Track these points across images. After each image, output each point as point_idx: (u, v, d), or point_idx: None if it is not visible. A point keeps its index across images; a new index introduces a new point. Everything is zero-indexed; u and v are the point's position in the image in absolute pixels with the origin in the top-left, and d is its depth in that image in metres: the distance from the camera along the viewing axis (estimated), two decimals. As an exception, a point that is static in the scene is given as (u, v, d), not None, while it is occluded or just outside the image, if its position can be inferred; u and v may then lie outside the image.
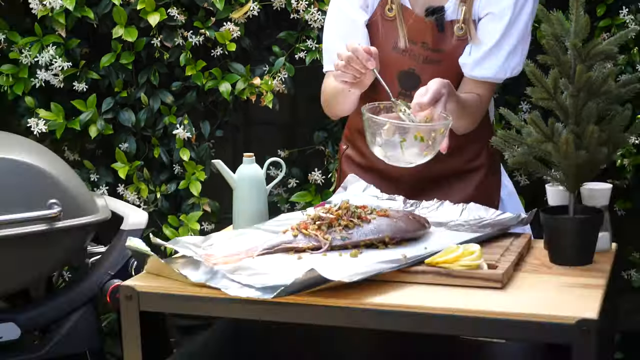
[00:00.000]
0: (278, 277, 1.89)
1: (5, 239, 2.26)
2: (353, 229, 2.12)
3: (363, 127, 2.21)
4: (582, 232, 2.04)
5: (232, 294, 1.86)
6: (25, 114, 3.21)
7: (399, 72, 2.49)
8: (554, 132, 2.02)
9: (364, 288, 1.88)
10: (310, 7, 3.23)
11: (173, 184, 3.31)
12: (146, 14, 3.15)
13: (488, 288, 1.89)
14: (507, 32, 2.41)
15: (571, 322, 1.71)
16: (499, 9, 2.41)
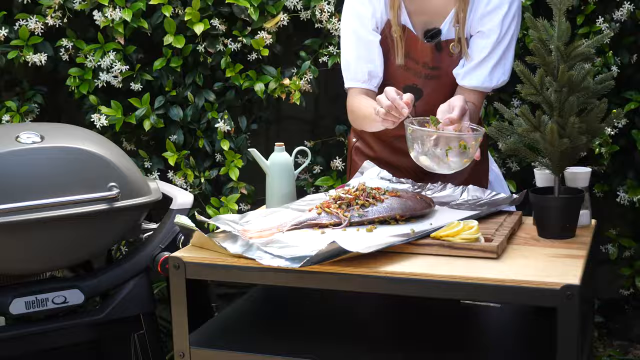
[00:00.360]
0: (304, 249, 1.89)
1: (72, 217, 2.26)
2: (369, 208, 2.11)
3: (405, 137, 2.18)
4: (565, 210, 2.03)
5: (265, 264, 1.86)
6: (90, 110, 3.21)
7: (404, 86, 2.48)
8: (540, 123, 2.01)
9: (377, 258, 1.88)
10: (332, 18, 3.21)
11: (215, 170, 3.31)
12: (192, 24, 3.15)
13: (485, 258, 1.90)
14: (493, 48, 2.40)
15: (557, 287, 1.71)
16: (488, 28, 2.40)
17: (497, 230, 2.04)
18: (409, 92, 2.45)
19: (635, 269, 3.47)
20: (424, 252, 1.93)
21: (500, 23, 2.39)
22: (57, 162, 2.28)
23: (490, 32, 2.39)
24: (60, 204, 2.25)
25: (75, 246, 2.33)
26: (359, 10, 2.45)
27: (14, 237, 2.22)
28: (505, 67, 2.44)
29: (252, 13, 3.15)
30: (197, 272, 1.95)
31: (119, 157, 2.41)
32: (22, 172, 2.23)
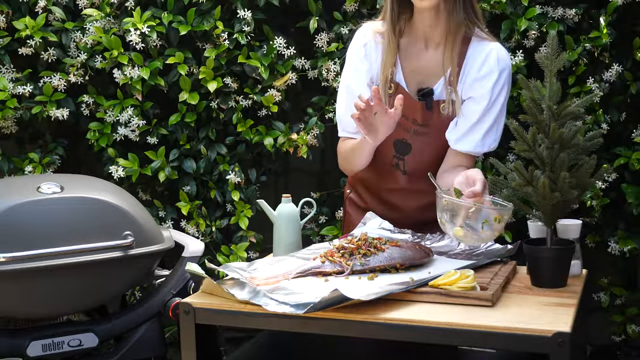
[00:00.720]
0: (308, 296, 1.88)
1: (89, 264, 2.27)
2: (370, 257, 2.11)
3: (437, 208, 2.11)
4: (557, 260, 2.02)
5: (271, 310, 1.86)
6: (108, 162, 3.23)
7: (394, 140, 2.48)
8: (533, 178, 2.01)
9: (377, 305, 1.87)
10: (338, 77, 3.24)
11: (225, 220, 3.31)
12: (206, 82, 3.18)
13: (480, 306, 1.88)
14: (484, 114, 2.39)
15: (548, 335, 1.70)
16: (479, 94, 2.39)
17: (492, 279, 2.03)
18: (398, 148, 2.48)
19: (627, 316, 3.45)
20: (422, 299, 1.92)
21: (491, 90, 2.38)
22: (76, 212, 2.29)
23: (481, 98, 2.39)
24: (78, 251, 2.25)
25: (92, 291, 2.33)
26: (356, 66, 2.47)
27: (34, 282, 2.22)
28: (497, 134, 2.43)
29: (263, 72, 3.19)
30: (206, 318, 1.95)
31: (134, 206, 2.42)
32: (42, 220, 2.24)
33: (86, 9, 3.15)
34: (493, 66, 2.38)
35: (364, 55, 2.45)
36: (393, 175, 2.53)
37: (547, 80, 2.01)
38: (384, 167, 2.54)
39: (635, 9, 3.25)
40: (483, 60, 2.38)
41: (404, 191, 2.52)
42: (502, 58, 2.40)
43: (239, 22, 3.20)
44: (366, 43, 2.46)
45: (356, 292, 1.87)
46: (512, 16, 3.16)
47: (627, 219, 3.36)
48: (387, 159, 2.52)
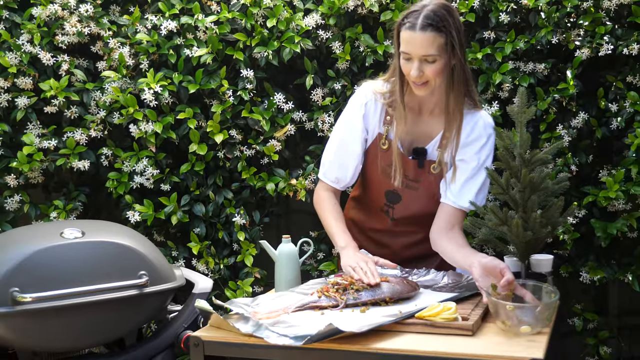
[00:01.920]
0: (306, 329, 1.89)
1: (107, 302, 2.27)
2: (362, 292, 2.12)
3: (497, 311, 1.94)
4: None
5: (272, 342, 1.86)
6: (126, 207, 3.24)
7: (386, 190, 2.50)
8: (507, 218, 2.03)
9: (369, 336, 1.88)
10: (332, 128, 3.24)
11: (232, 258, 3.31)
12: (213, 135, 3.19)
13: (462, 335, 1.89)
14: (473, 175, 2.37)
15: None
16: (468, 157, 2.39)
17: (472, 310, 2.03)
18: (389, 197, 2.49)
19: (599, 339, 3.43)
20: (409, 330, 1.93)
21: (479, 153, 2.37)
22: (96, 254, 2.29)
23: (471, 160, 2.38)
24: (97, 290, 2.25)
25: (110, 327, 2.33)
26: (353, 122, 2.48)
27: (59, 319, 2.22)
28: (486, 192, 2.40)
29: (264, 124, 3.21)
30: (214, 350, 1.95)
31: (148, 248, 2.42)
32: (65, 263, 2.24)
33: (105, 71, 3.19)
34: (481, 133, 2.39)
35: (363, 114, 2.46)
36: (381, 218, 2.54)
37: (518, 130, 2.04)
38: (374, 210, 2.55)
39: (598, 62, 3.29)
40: (472, 126, 2.39)
41: (391, 232, 2.53)
42: (489, 125, 2.40)
43: (242, 81, 3.23)
44: (367, 102, 2.47)
45: (350, 324, 1.88)
46: (488, 71, 3.20)
47: (597, 251, 3.37)
48: (377, 205, 2.53)
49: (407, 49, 2.27)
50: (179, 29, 3.23)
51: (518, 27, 3.29)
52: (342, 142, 2.50)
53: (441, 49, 2.25)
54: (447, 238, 2.33)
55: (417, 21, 2.25)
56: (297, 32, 3.23)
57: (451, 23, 2.26)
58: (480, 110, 2.41)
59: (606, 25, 3.18)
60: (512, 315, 1.87)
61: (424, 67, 2.27)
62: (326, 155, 2.55)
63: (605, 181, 3.19)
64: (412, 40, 2.25)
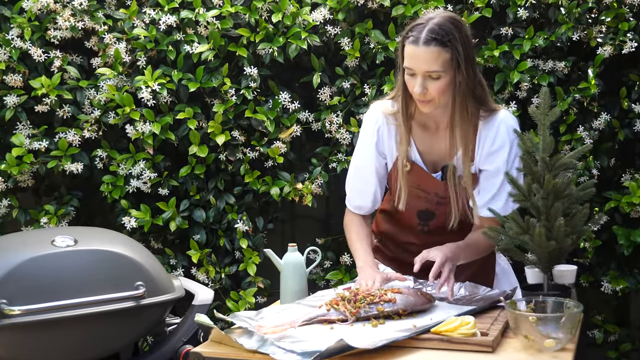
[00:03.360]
0: (314, 344, 1.86)
1: (101, 314, 2.24)
2: (374, 304, 2.08)
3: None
4: (554, 306, 1.98)
5: (278, 358, 1.83)
6: (121, 213, 3.20)
7: (417, 210, 2.49)
8: (529, 226, 1.99)
9: (382, 353, 1.85)
10: (340, 129, 3.23)
11: (234, 266, 3.28)
12: (215, 136, 3.17)
13: (482, 352, 1.85)
14: (502, 184, 2.33)
15: (548, 381, 1.66)
16: (495, 167, 2.35)
17: (492, 324, 1.99)
18: (422, 217, 2.50)
19: (621, 352, 3.40)
20: (425, 346, 1.89)
21: (505, 161, 2.33)
22: (89, 264, 2.27)
23: (498, 170, 2.34)
24: (91, 303, 2.22)
25: (105, 340, 2.30)
26: (365, 148, 2.47)
27: (50, 333, 2.19)
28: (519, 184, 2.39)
29: (269, 125, 3.18)
30: (215, 366, 1.91)
31: (145, 257, 2.39)
32: (56, 274, 2.21)
33: (100, 68, 3.16)
34: (504, 139, 2.34)
35: (376, 142, 2.45)
36: (415, 234, 2.52)
37: (541, 133, 2.00)
38: (409, 229, 2.54)
39: (621, 60, 3.25)
40: (495, 134, 2.34)
41: (427, 245, 2.50)
42: (511, 128, 2.34)
43: (246, 79, 3.20)
44: (379, 128, 2.44)
45: (361, 340, 1.84)
46: (505, 69, 3.16)
47: (619, 259, 3.33)
48: (412, 225, 2.53)
49: (410, 65, 2.24)
50: (179, 23, 3.20)
51: (537, 23, 3.25)
52: (357, 169, 2.52)
53: (446, 65, 2.21)
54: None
55: (421, 35, 2.21)
56: (304, 27, 3.20)
57: (457, 37, 2.22)
58: (499, 112, 2.36)
59: (629, 21, 3.15)
60: (534, 329, 1.82)
61: (427, 84, 2.23)
62: (348, 184, 2.57)
63: (628, 186, 3.15)
64: (415, 56, 2.22)
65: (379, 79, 3.25)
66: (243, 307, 3.17)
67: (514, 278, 2.64)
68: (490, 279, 2.53)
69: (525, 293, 2.04)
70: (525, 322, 1.83)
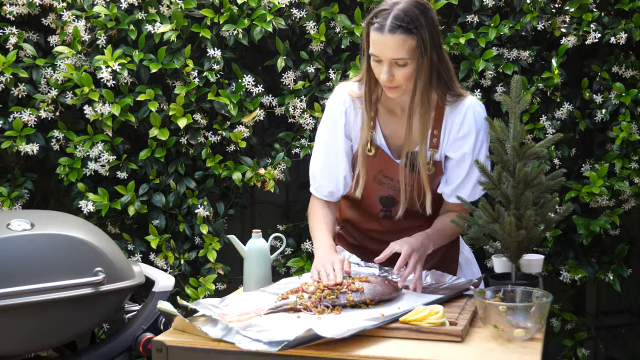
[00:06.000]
0: (282, 334, 1.81)
1: (59, 301, 2.17)
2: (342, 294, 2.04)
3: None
4: (523, 295, 1.96)
5: (244, 348, 1.78)
6: (78, 196, 3.11)
7: (380, 196, 2.44)
8: (499, 215, 1.96)
9: (350, 342, 1.81)
10: (304, 114, 3.18)
11: (194, 253, 3.21)
12: (176, 119, 3.09)
13: (450, 341, 1.83)
14: (469, 171, 2.32)
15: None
16: (462, 153, 2.32)
17: (460, 313, 1.97)
18: (384, 203, 2.45)
19: (577, 341, 3.43)
20: (393, 335, 1.86)
21: (472, 148, 2.31)
22: (46, 249, 2.18)
23: (465, 157, 2.32)
24: (48, 289, 2.14)
25: (62, 328, 2.22)
26: (334, 129, 2.40)
27: (3, 320, 2.10)
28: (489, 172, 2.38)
29: (232, 109, 3.11)
30: (179, 356, 1.85)
31: (105, 242, 2.31)
32: (12, 258, 2.13)
33: (57, 46, 3.05)
34: (471, 125, 2.31)
35: (344, 123, 2.39)
36: (378, 220, 2.48)
37: (512, 121, 1.97)
38: (370, 215, 2.49)
39: (584, 51, 3.26)
40: (461, 121, 2.31)
41: (391, 231, 2.47)
42: (479, 115, 2.33)
43: (209, 61, 3.12)
44: (346, 109, 2.39)
45: (329, 329, 1.80)
46: (470, 57, 3.14)
47: (576, 249, 3.35)
48: (373, 212, 2.48)
49: (376, 52, 2.19)
50: (141, 2, 3.11)
51: (502, 11, 3.24)
52: (327, 154, 2.43)
53: (412, 52, 2.17)
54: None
55: (386, 22, 2.16)
56: (269, 9, 3.13)
57: (423, 23, 2.17)
58: (466, 98, 2.32)
59: (593, 12, 3.15)
60: (504, 318, 1.80)
61: (394, 71, 2.19)
62: (314, 169, 2.47)
63: (588, 176, 3.16)
64: (381, 43, 2.17)
65: (344, 64, 3.21)
66: (202, 293, 3.10)
67: (476, 267, 2.63)
68: (454, 267, 2.51)
69: (493, 282, 2.02)
70: (495, 311, 1.81)
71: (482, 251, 3.18)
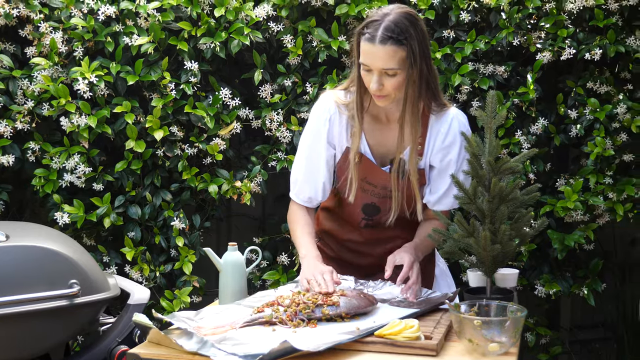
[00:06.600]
0: (257, 347, 1.81)
1: (33, 313, 2.15)
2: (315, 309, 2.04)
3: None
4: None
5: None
6: (53, 208, 3.09)
7: (363, 204, 2.46)
8: (474, 229, 1.98)
9: (325, 356, 1.81)
10: (281, 127, 3.19)
11: (169, 265, 3.20)
12: (153, 131, 3.08)
13: (425, 355, 1.83)
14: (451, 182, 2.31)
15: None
16: (447, 160, 2.37)
17: (435, 327, 1.98)
18: (367, 211, 2.47)
19: (551, 355, 3.45)
20: (369, 349, 1.86)
21: (457, 157, 2.36)
22: (21, 261, 2.17)
23: (449, 166, 2.36)
24: (22, 301, 2.13)
25: (36, 340, 2.20)
26: (317, 136, 2.42)
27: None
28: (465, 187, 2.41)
29: (208, 121, 3.11)
30: (153, 369, 1.84)
31: (80, 254, 2.30)
32: (-14, 270, 2.11)
33: (34, 58, 3.03)
34: (456, 134, 2.35)
35: (328, 130, 2.41)
36: (358, 230, 2.49)
37: (487, 136, 1.99)
38: (351, 224, 2.50)
39: (559, 66, 3.30)
40: (446, 131, 2.36)
41: (369, 241, 2.48)
42: (463, 125, 2.38)
43: (186, 73, 3.12)
44: (330, 117, 2.41)
45: (305, 343, 1.80)
46: (447, 72, 3.17)
47: (551, 263, 3.38)
48: (355, 221, 2.50)
49: (367, 62, 2.23)
50: (118, 14, 3.11)
51: (478, 27, 3.28)
52: (309, 159, 2.45)
53: (402, 63, 2.21)
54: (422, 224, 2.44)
55: (377, 33, 2.19)
56: (247, 23, 3.14)
57: (413, 34, 2.21)
58: (450, 109, 2.38)
59: (568, 28, 3.20)
60: (478, 333, 1.81)
61: (383, 80, 2.23)
62: (295, 174, 2.50)
63: (563, 190, 3.19)
64: (372, 53, 2.21)
65: (321, 78, 3.22)
66: (178, 306, 3.09)
67: (451, 280, 2.64)
68: (430, 279, 2.52)
69: (468, 296, 2.03)
70: (470, 325, 1.82)
71: (457, 265, 3.20)
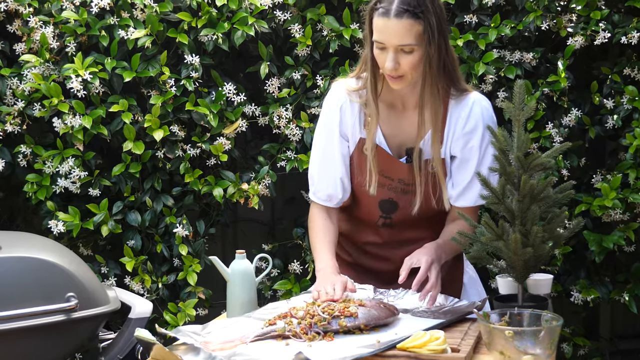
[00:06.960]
0: (269, 362, 1.82)
1: (28, 329, 2.18)
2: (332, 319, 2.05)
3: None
4: (530, 318, 1.98)
5: (228, 379, 1.78)
6: (47, 216, 3.12)
7: (380, 200, 2.46)
8: (503, 232, 1.98)
9: (344, 371, 1.81)
10: (290, 124, 3.20)
11: (172, 275, 3.22)
12: (152, 131, 3.11)
13: (452, 369, 1.84)
14: (477, 169, 2.34)
15: (527, 401, 1.65)
16: (468, 151, 2.37)
17: (462, 339, 1.98)
18: (384, 208, 2.46)
19: (590, 367, 3.45)
20: (391, 363, 1.87)
21: (479, 145, 2.36)
22: (14, 273, 2.21)
23: (472, 155, 2.37)
24: (16, 316, 2.17)
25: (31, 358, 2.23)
26: (332, 130, 2.44)
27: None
28: (495, 183, 2.40)
29: (211, 119, 3.13)
30: (158, 388, 1.86)
31: (77, 266, 2.34)
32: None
33: (24, 55, 3.07)
34: (478, 120, 2.36)
35: (339, 120, 2.43)
36: (376, 230, 2.50)
37: (515, 129, 1.99)
38: (368, 224, 2.51)
39: (593, 52, 3.29)
40: (467, 116, 2.37)
41: (389, 244, 2.49)
42: (486, 110, 2.38)
43: (186, 68, 3.15)
44: (342, 106, 2.43)
45: (322, 356, 1.81)
46: (469, 60, 3.18)
47: (588, 267, 3.37)
48: (372, 219, 2.51)
49: (381, 38, 2.24)
50: (113, 6, 3.14)
51: (503, 10, 3.28)
52: (324, 154, 2.48)
53: (419, 38, 2.22)
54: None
55: (392, 6, 2.21)
56: (251, 12, 3.16)
57: (430, 8, 2.23)
58: (471, 93, 2.38)
59: (602, 10, 3.19)
60: (510, 344, 1.81)
61: (399, 58, 2.24)
62: (312, 168, 2.52)
63: (599, 187, 3.19)
64: (386, 29, 2.22)
65: (332, 70, 3.24)
66: (182, 320, 3.11)
67: (481, 287, 2.65)
68: (459, 287, 2.53)
69: (498, 305, 2.03)
70: (501, 336, 1.82)
71: (485, 271, 3.20)
